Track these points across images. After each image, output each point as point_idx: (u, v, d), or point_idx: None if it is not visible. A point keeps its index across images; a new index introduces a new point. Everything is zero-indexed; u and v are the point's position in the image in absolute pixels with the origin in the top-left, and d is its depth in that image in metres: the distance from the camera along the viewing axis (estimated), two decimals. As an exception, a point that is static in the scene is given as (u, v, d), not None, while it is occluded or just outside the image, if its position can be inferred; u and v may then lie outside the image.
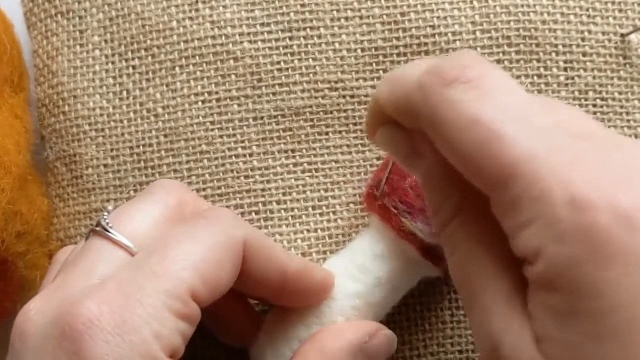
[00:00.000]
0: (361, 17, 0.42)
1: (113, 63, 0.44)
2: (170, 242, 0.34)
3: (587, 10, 0.43)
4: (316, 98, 0.42)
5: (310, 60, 0.42)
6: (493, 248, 0.29)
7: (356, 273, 0.39)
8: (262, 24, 0.43)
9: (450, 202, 0.30)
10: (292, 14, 0.43)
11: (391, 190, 0.38)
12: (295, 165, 0.43)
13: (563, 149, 0.27)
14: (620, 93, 0.43)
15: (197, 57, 0.43)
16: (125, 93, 0.43)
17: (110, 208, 0.37)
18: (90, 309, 0.31)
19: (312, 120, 0.43)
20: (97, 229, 0.35)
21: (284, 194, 0.42)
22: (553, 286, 0.26)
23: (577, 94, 0.42)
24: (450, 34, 0.42)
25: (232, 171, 0.42)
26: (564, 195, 0.25)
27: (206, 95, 0.43)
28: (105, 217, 0.35)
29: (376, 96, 0.32)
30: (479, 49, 0.42)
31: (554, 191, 0.26)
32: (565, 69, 0.42)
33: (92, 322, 0.31)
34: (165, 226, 0.36)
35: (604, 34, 0.43)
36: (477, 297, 0.29)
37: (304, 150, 0.43)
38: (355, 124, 0.42)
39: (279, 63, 0.42)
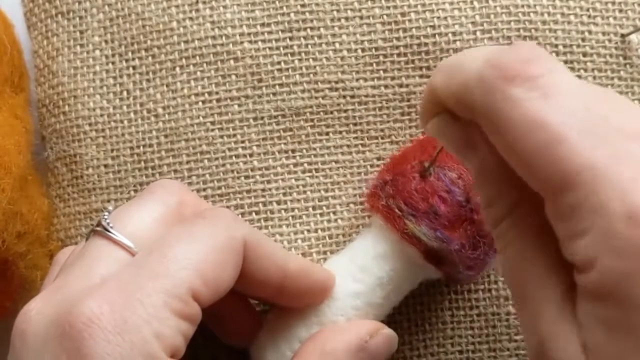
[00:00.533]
0: (361, 17, 0.42)
1: (113, 63, 0.44)
2: (170, 241, 0.34)
3: (587, 10, 0.43)
4: (316, 98, 0.42)
5: (311, 60, 0.42)
6: (546, 248, 0.28)
7: (357, 273, 0.39)
8: (262, 24, 0.43)
9: (504, 199, 0.30)
10: (292, 14, 0.43)
11: (396, 191, 0.38)
12: (295, 165, 0.43)
13: (626, 159, 0.26)
14: (620, 93, 0.43)
15: (197, 57, 0.43)
16: (125, 93, 0.43)
17: (110, 208, 0.37)
18: (91, 308, 0.31)
19: (312, 120, 0.43)
20: (98, 229, 0.35)
21: (284, 194, 0.42)
22: (604, 298, 0.26)
23: (577, 94, 0.42)
24: (450, 34, 0.42)
25: (232, 171, 0.42)
26: (622, 209, 0.25)
27: (206, 95, 0.43)
28: (105, 217, 0.35)
29: (432, 84, 0.31)
30: (479, 49, 0.42)
31: (613, 204, 0.25)
32: (565, 69, 0.42)
33: (92, 321, 0.31)
34: (165, 226, 0.35)
35: (604, 34, 0.43)
36: (527, 295, 0.29)
37: (304, 150, 0.43)
38: (355, 124, 0.42)
39: (279, 63, 0.42)
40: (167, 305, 0.32)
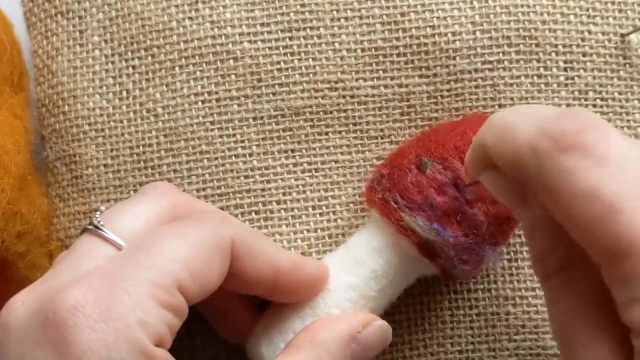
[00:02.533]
0: (361, 17, 0.42)
1: (113, 63, 0.44)
2: (157, 238, 0.34)
3: (587, 10, 0.43)
4: (316, 98, 0.42)
5: (310, 60, 0.42)
6: (598, 306, 0.29)
7: (352, 266, 0.39)
8: (262, 24, 0.43)
9: (557, 256, 0.30)
10: (292, 14, 0.43)
11: (392, 184, 0.38)
12: (295, 165, 0.43)
13: None
14: (620, 93, 0.43)
15: (197, 57, 0.43)
16: (125, 93, 0.43)
17: (102, 208, 0.37)
18: (75, 297, 0.31)
19: (312, 120, 0.43)
20: (89, 227, 0.35)
21: (284, 194, 0.42)
22: None
23: (577, 94, 0.42)
24: (450, 34, 0.42)
25: (232, 171, 0.42)
26: None
27: (206, 95, 0.43)
28: (97, 216, 0.35)
29: (483, 141, 0.32)
30: (479, 49, 0.42)
31: None
32: (565, 69, 0.42)
33: (76, 309, 0.31)
34: (157, 226, 0.36)
35: (604, 34, 0.43)
36: (577, 352, 0.29)
37: (304, 150, 0.43)
38: (355, 124, 0.42)
39: (278, 63, 0.42)
40: (152, 296, 0.32)
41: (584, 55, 0.43)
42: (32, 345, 0.31)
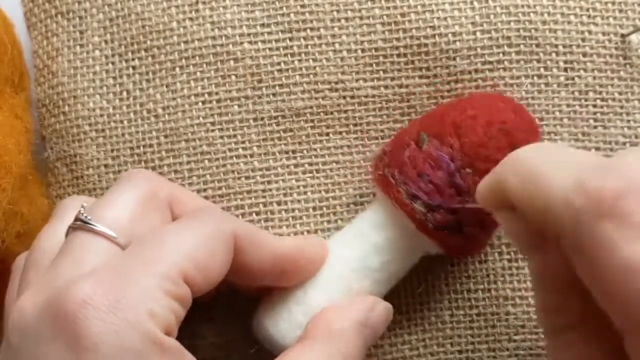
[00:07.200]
0: (361, 18, 0.42)
1: (113, 63, 0.44)
2: (161, 234, 0.34)
3: (587, 10, 0.43)
4: (316, 99, 0.42)
5: (310, 60, 0.42)
6: None
7: (354, 239, 0.39)
8: (262, 25, 0.43)
9: (569, 310, 0.29)
10: (292, 15, 0.43)
11: (391, 160, 0.39)
12: (296, 166, 0.43)
13: None
14: (620, 93, 0.43)
15: (197, 58, 0.43)
16: (125, 93, 0.43)
17: (85, 204, 0.37)
18: (83, 290, 0.31)
19: (312, 121, 0.43)
20: (77, 223, 0.35)
21: (285, 195, 0.42)
22: None
23: (577, 94, 0.42)
24: (450, 35, 0.42)
25: (233, 172, 0.42)
26: None
27: (206, 95, 0.43)
28: (82, 211, 0.36)
29: (501, 181, 0.30)
30: (479, 49, 0.42)
31: None
32: (565, 69, 0.42)
33: (85, 302, 0.31)
34: (142, 211, 0.36)
35: (604, 34, 0.43)
36: None
37: (305, 151, 0.43)
38: (355, 125, 0.43)
39: (279, 64, 0.42)
40: (160, 286, 0.32)
41: (584, 55, 0.43)
42: (44, 341, 0.31)
